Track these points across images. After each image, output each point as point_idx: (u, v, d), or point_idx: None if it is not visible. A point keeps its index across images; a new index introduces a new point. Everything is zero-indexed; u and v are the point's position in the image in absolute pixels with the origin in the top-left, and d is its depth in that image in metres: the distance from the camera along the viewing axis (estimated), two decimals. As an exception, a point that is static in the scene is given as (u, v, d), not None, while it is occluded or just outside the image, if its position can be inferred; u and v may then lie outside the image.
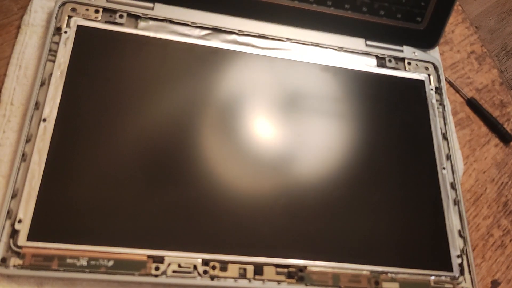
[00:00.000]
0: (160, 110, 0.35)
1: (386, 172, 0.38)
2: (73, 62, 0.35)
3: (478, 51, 0.50)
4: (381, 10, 0.42)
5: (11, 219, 0.30)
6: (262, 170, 0.35)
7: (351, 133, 0.39)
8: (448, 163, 0.40)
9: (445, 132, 0.41)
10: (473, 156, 0.44)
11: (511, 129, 0.47)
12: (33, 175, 0.31)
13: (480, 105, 0.46)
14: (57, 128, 0.33)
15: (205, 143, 0.35)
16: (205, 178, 0.34)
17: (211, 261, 0.31)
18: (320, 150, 0.37)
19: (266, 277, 0.32)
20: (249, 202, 0.34)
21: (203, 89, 0.37)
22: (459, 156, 0.43)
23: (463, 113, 0.46)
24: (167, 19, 0.39)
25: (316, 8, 0.41)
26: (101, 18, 0.37)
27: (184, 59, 0.37)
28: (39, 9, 0.38)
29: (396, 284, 0.34)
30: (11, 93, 0.34)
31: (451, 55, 0.49)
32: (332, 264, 0.33)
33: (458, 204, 0.38)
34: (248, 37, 0.40)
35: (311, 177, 0.36)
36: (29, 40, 0.36)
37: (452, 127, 0.43)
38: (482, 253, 0.40)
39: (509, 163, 0.45)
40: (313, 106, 0.39)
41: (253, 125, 0.37)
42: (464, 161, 0.43)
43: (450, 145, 0.40)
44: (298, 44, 0.41)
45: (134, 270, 0.30)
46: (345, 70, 0.41)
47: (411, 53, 0.44)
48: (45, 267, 0.29)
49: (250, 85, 0.38)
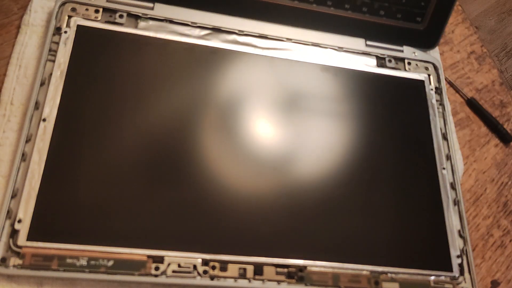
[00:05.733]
0: (160, 110, 0.35)
1: (386, 172, 0.38)
2: (73, 62, 0.35)
3: (478, 51, 0.50)
4: (381, 10, 0.42)
5: (11, 219, 0.30)
6: (262, 170, 0.35)
7: (351, 133, 0.39)
8: (448, 163, 0.40)
9: (445, 132, 0.41)
10: (473, 156, 0.44)
11: (511, 129, 0.47)
12: (33, 175, 0.31)
13: (480, 105, 0.46)
14: (57, 128, 0.33)
15: (205, 143, 0.35)
16: (205, 178, 0.34)
17: (211, 261, 0.32)
18: (320, 150, 0.37)
19: (266, 277, 0.32)
20: (249, 202, 0.34)
21: (203, 89, 0.37)
22: (459, 156, 0.43)
23: (463, 113, 0.46)
24: (167, 19, 0.39)
25: (316, 8, 0.41)
26: (101, 18, 0.37)
27: (184, 59, 0.37)
28: (39, 9, 0.38)
29: (396, 284, 0.34)
30: (11, 93, 0.34)
31: (451, 55, 0.49)
32: (332, 264, 0.33)
33: (458, 204, 0.38)
34: (248, 37, 0.40)
35: (311, 177, 0.36)
36: (29, 40, 0.36)
37: (452, 127, 0.43)
38: (482, 253, 0.40)
39: (509, 163, 0.45)
40: (313, 106, 0.39)
41: (253, 125, 0.37)
42: (464, 161, 0.43)
43: (450, 145, 0.40)
44: (298, 44, 0.41)
45: (134, 270, 0.30)
46: (345, 70, 0.41)
47: (411, 53, 0.44)
48: (45, 267, 0.29)
49: (250, 85, 0.38)
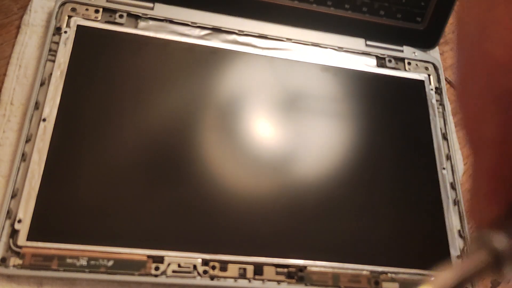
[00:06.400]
0: (160, 110, 0.35)
1: (386, 172, 0.38)
2: (73, 62, 0.35)
3: (478, 51, 0.50)
4: (381, 10, 0.42)
5: (11, 219, 0.30)
6: (262, 170, 0.35)
7: (351, 133, 0.39)
8: (448, 163, 0.40)
9: (445, 132, 0.41)
10: (473, 156, 0.44)
11: (511, 129, 0.46)
12: (33, 175, 0.31)
13: (480, 105, 0.46)
14: (57, 128, 0.32)
15: (205, 143, 0.35)
16: (205, 178, 0.34)
17: (211, 261, 0.31)
18: (320, 150, 0.37)
19: (266, 277, 0.32)
20: (249, 202, 0.34)
21: (203, 89, 0.37)
22: (459, 156, 0.42)
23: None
24: (167, 19, 0.39)
25: (316, 8, 0.41)
26: (101, 18, 0.37)
27: (184, 59, 0.37)
28: (39, 9, 0.38)
29: (396, 284, 0.34)
30: (11, 93, 0.34)
31: (451, 55, 0.49)
32: (332, 264, 0.33)
33: (458, 204, 0.38)
34: (248, 37, 0.40)
35: (311, 177, 0.36)
36: (29, 40, 0.36)
37: (452, 127, 0.43)
38: (482, 253, 0.40)
39: (509, 163, 0.45)
40: (313, 106, 0.39)
41: (253, 125, 0.37)
42: (464, 161, 0.43)
43: (450, 145, 0.40)
44: (298, 44, 0.41)
45: (134, 270, 0.30)
46: (345, 70, 0.41)
47: (411, 53, 0.44)
48: (45, 267, 0.29)
49: (250, 85, 0.38)
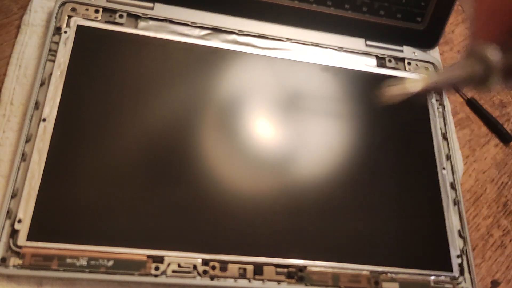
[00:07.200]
0: (160, 110, 0.35)
1: (386, 172, 0.38)
2: (73, 62, 0.35)
3: (478, 51, 0.50)
4: (381, 10, 0.42)
5: (11, 219, 0.30)
6: (262, 170, 0.35)
7: (351, 133, 0.39)
8: (448, 163, 0.40)
9: (445, 132, 0.41)
10: (473, 156, 0.44)
11: (511, 129, 0.47)
12: (33, 175, 0.31)
13: (480, 105, 0.46)
14: (57, 128, 0.32)
15: (205, 143, 0.35)
16: (205, 178, 0.34)
17: (211, 261, 0.31)
18: (320, 150, 0.37)
19: (266, 277, 0.32)
20: (249, 202, 0.34)
21: (203, 89, 0.37)
22: (459, 156, 0.42)
23: (463, 113, 0.46)
24: (167, 19, 0.39)
25: (316, 8, 0.41)
26: (101, 18, 0.37)
27: (184, 59, 0.37)
28: (39, 9, 0.38)
29: (396, 284, 0.34)
30: (11, 93, 0.34)
31: (451, 55, 0.49)
32: (332, 264, 0.33)
33: (458, 204, 0.38)
34: (248, 37, 0.40)
35: (311, 177, 0.36)
36: (29, 40, 0.36)
37: (452, 127, 0.43)
38: (482, 253, 0.40)
39: (509, 163, 0.45)
40: (313, 106, 0.39)
41: (253, 125, 0.37)
42: (464, 161, 0.43)
43: (450, 145, 0.40)
44: (298, 44, 0.41)
45: (134, 270, 0.30)
46: (345, 70, 0.41)
47: (411, 53, 0.44)
48: (44, 267, 0.29)
49: (250, 85, 0.38)
